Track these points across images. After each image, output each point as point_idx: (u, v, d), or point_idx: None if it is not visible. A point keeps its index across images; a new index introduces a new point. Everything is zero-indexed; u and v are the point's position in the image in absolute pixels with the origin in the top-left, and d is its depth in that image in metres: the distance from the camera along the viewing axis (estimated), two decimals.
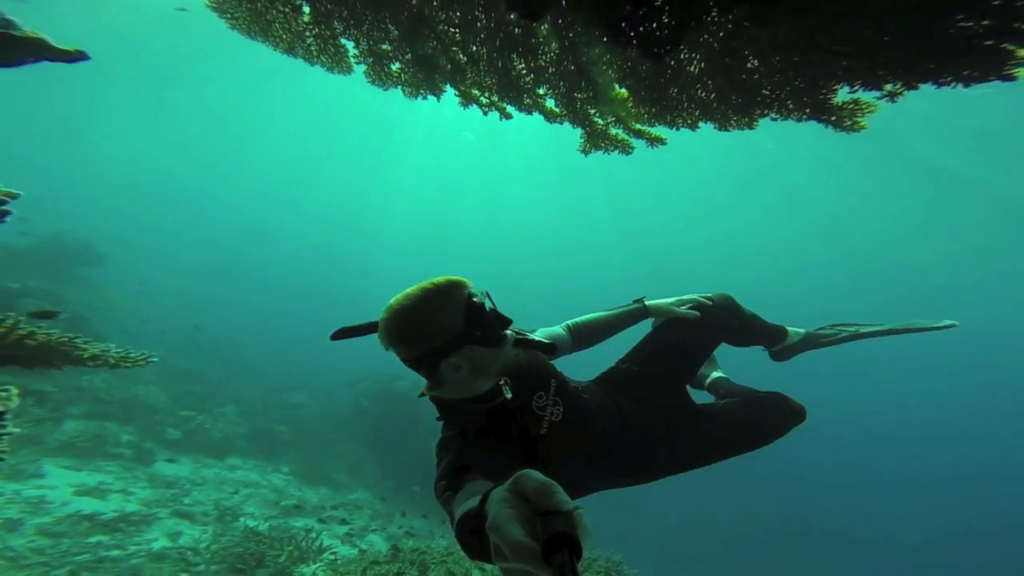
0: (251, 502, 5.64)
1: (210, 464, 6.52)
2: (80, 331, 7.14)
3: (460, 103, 2.42)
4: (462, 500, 0.82)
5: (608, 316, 1.50)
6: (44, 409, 5.79)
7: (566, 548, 0.43)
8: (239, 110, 18.90)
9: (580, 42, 1.91)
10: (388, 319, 1.01)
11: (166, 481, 5.52)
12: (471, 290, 1.05)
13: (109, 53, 13.12)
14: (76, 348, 2.30)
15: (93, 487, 4.87)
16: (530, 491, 0.49)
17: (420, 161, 20.83)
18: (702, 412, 1.49)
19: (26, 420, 5.44)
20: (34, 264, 9.15)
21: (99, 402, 6.64)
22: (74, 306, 8.19)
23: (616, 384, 1.42)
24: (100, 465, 5.43)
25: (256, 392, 9.68)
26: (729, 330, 1.59)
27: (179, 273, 22.39)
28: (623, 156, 2.23)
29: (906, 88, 1.34)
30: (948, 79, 1.25)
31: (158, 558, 3.97)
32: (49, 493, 4.53)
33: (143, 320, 10.66)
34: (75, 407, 6.32)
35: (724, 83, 1.69)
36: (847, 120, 1.52)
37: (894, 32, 1.26)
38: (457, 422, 1.08)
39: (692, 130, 1.92)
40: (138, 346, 7.79)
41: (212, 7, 2.26)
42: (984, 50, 1.16)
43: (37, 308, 7.12)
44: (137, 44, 13.59)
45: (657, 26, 1.57)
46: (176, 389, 8.04)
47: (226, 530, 4.68)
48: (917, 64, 1.27)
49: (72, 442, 5.54)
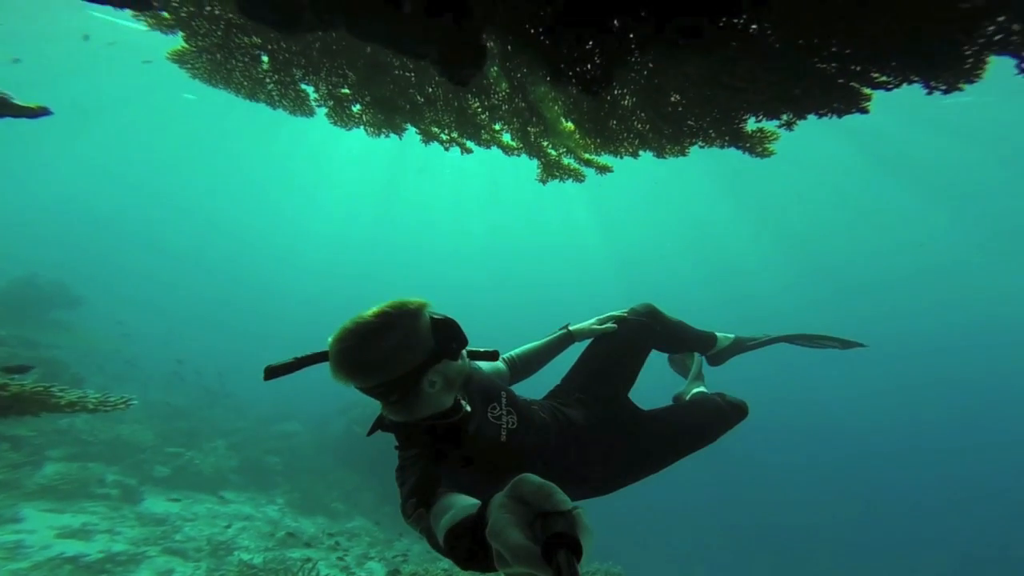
0: (245, 535, 5.64)
1: (202, 499, 6.51)
2: (58, 376, 7.09)
3: (422, 140, 2.61)
4: (440, 513, 0.84)
5: (539, 346, 1.63)
6: (21, 454, 5.73)
7: (566, 548, 0.44)
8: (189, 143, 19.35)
9: (527, 81, 2.12)
10: (354, 346, 1.00)
11: (156, 519, 5.50)
12: (429, 305, 1.10)
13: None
14: (52, 396, 2.38)
15: (77, 528, 4.84)
16: (529, 494, 0.51)
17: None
18: (648, 417, 1.61)
19: (2, 465, 5.42)
20: (5, 311, 9.09)
21: (81, 443, 6.62)
22: (52, 351, 8.17)
23: (560, 399, 1.52)
24: (84, 506, 5.39)
25: (247, 424, 9.66)
26: (655, 336, 1.72)
27: (157, 310, 22.34)
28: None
29: (796, 118, 1.55)
30: (824, 111, 1.47)
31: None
32: (27, 537, 4.48)
33: (125, 360, 10.61)
34: (55, 449, 6.28)
35: (655, 115, 1.90)
36: (758, 147, 1.73)
37: (778, 71, 1.48)
38: (417, 443, 1.10)
39: (635, 158, 2.12)
40: (123, 386, 7.78)
41: (173, 60, 2.42)
42: (840, 88, 1.38)
43: (11, 356, 7.12)
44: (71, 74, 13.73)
45: (591, 66, 1.78)
46: (163, 427, 8.01)
47: (220, 565, 4.69)
48: (799, 97, 1.48)
49: (53, 485, 5.50)
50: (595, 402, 1.52)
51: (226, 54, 2.35)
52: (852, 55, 1.35)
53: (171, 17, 2.11)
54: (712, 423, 1.68)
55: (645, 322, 1.71)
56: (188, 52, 2.34)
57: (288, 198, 26.53)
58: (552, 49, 1.74)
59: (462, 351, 1.12)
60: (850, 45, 1.33)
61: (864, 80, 1.37)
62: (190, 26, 2.17)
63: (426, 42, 1.36)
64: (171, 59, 2.41)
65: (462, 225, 25.86)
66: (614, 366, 1.62)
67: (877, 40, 1.27)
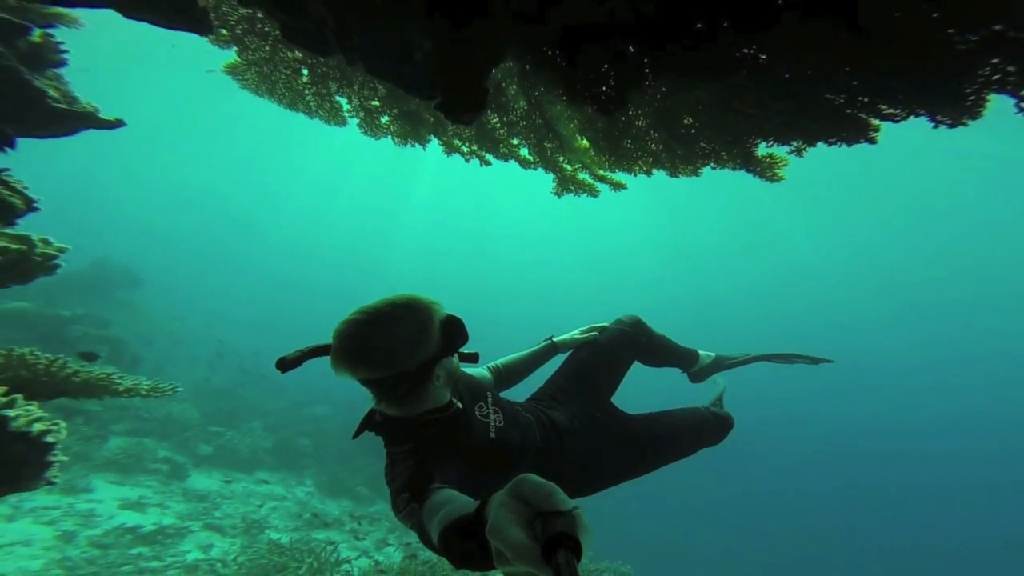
0: (276, 515, 6.12)
1: (239, 478, 7.08)
2: (121, 355, 7.94)
3: (444, 151, 2.77)
4: (432, 511, 0.85)
5: (525, 356, 1.69)
6: (91, 427, 6.50)
7: (566, 547, 0.45)
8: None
9: (544, 100, 2.22)
10: (365, 335, 1.02)
11: (198, 495, 6.07)
12: (438, 302, 1.12)
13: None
14: (113, 383, 2.75)
15: (135, 501, 5.44)
16: (529, 494, 0.52)
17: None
18: (630, 421, 1.65)
19: (77, 438, 6.15)
20: (82, 290, 10.17)
21: (139, 420, 7.36)
22: (117, 330, 9.10)
23: (543, 402, 1.57)
24: (140, 480, 6.04)
25: (280, 405, 10.32)
26: (637, 346, 1.78)
27: (207, 293, 24.22)
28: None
29: (807, 145, 1.57)
30: (833, 139, 1.49)
31: (191, 570, 4.43)
32: (97, 507, 5.12)
33: (176, 341, 11.60)
34: (118, 424, 7.04)
35: (668, 136, 1.95)
36: (768, 171, 1.75)
37: (786, 99, 1.50)
38: (410, 439, 1.11)
39: (648, 176, 2.17)
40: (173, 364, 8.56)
41: (227, 72, 2.70)
42: (849, 118, 1.39)
43: (86, 335, 8.00)
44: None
45: (605, 88, 1.86)
46: (207, 406, 8.73)
47: (252, 543, 5.12)
48: (808, 125, 1.50)
49: (115, 459, 6.19)
50: (576, 406, 1.57)
51: (272, 67, 2.61)
52: (859, 87, 1.36)
53: (228, 34, 2.37)
54: (692, 433, 1.72)
55: (628, 331, 1.76)
56: (240, 65, 2.61)
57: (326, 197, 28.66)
58: (568, 70, 1.84)
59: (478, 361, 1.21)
60: (857, 78, 1.35)
61: (872, 111, 1.38)
62: (243, 42, 2.43)
63: (432, 87, 1.49)
64: (225, 71, 2.69)
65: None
66: (594, 372, 1.67)
67: (883, 74, 1.29)
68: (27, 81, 2.29)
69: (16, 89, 2.27)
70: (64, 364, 2.58)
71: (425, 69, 1.46)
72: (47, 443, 2.16)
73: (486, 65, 1.53)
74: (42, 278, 2.65)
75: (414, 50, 1.44)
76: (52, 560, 4.07)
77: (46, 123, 2.48)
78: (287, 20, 1.67)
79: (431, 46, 1.41)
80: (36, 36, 2.36)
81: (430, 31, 1.44)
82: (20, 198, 2.29)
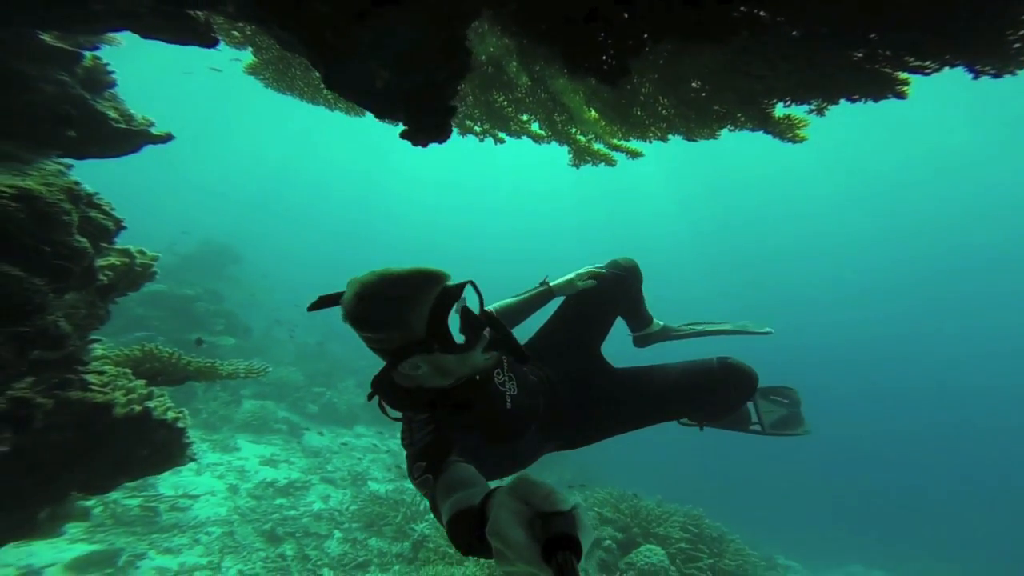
0: (375, 467, 7.16)
1: (342, 433, 8.35)
2: (235, 326, 9.57)
3: (459, 133, 2.81)
4: (445, 491, 0.88)
5: (519, 301, 1.64)
6: (227, 393, 7.94)
7: (566, 548, 0.47)
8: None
9: (546, 75, 2.15)
10: (365, 296, 1.00)
11: (313, 451, 7.26)
12: (446, 286, 1.02)
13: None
14: (216, 369, 3.41)
15: (269, 458, 6.65)
16: (529, 494, 0.53)
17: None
18: (623, 374, 1.64)
19: (220, 403, 7.63)
20: (197, 268, 12.15)
21: (260, 384, 8.83)
22: (229, 304, 10.82)
23: (539, 355, 1.54)
24: (269, 439, 7.34)
25: (367, 363, 11.62)
26: (628, 293, 1.75)
27: (287, 260, 27.49)
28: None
29: (828, 104, 1.39)
30: (856, 96, 1.30)
31: (318, 517, 5.43)
32: (245, 463, 6.33)
33: (273, 308, 13.40)
34: (246, 389, 8.47)
35: (678, 101, 1.82)
36: (788, 132, 1.58)
37: (796, 59, 1.32)
38: (427, 408, 1.10)
39: (664, 142, 2.05)
40: (278, 331, 10.03)
41: (248, 72, 2.92)
42: (870, 73, 1.21)
43: (206, 310, 9.68)
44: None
45: (606, 58, 1.80)
46: (308, 367, 10.13)
47: (358, 494, 6.13)
48: (825, 84, 1.32)
49: (249, 421, 7.54)
50: (570, 360, 1.57)
51: (286, 64, 2.76)
52: (879, 40, 1.17)
53: (240, 35, 2.54)
54: (696, 387, 1.61)
55: (622, 276, 1.72)
56: (258, 64, 2.79)
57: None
58: (566, 43, 1.79)
59: (474, 343, 1.05)
60: (875, 31, 1.16)
61: (898, 65, 1.19)
62: (255, 42, 2.55)
63: (394, 111, 1.57)
64: (247, 72, 2.89)
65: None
66: (587, 323, 1.66)
67: (904, 26, 1.10)
68: (92, 106, 2.45)
69: (87, 115, 2.42)
70: (180, 356, 3.24)
71: (387, 96, 1.53)
72: (180, 428, 2.79)
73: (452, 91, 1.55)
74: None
75: (375, 79, 1.51)
76: (230, 508, 5.23)
77: (113, 143, 2.70)
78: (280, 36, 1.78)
79: (389, 75, 1.47)
80: (88, 60, 2.49)
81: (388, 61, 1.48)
82: (111, 220, 2.44)
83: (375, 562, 4.81)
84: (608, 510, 5.26)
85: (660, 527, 5.09)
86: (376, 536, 5.23)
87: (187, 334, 8.00)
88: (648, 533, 5.00)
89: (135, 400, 2.37)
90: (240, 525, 4.98)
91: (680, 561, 4.77)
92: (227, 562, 4.38)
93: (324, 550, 4.89)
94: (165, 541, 4.41)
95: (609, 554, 4.60)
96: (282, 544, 4.86)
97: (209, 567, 4.24)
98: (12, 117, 2.12)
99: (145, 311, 8.54)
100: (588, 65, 1.82)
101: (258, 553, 4.60)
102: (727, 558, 5.09)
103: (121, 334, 7.33)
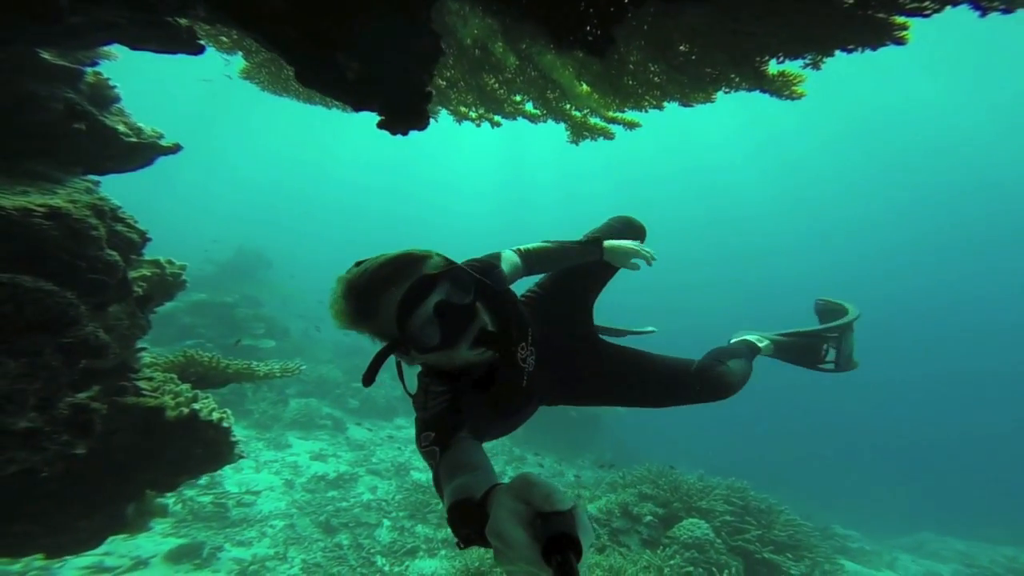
0: (416, 457, 7.41)
1: (382, 426, 8.72)
2: (274, 329, 10.13)
3: (455, 120, 2.83)
4: (449, 471, 0.89)
5: (558, 248, 1.54)
6: (274, 393, 8.42)
7: (566, 548, 0.48)
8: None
9: (533, 52, 2.14)
10: (352, 285, 1.02)
11: (358, 444, 7.64)
12: (421, 276, 0.99)
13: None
14: (254, 371, 3.63)
15: (318, 453, 7.05)
16: (529, 494, 0.54)
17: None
18: (607, 348, 1.66)
19: (268, 403, 8.09)
20: (234, 275, 12.82)
21: (302, 383, 9.31)
22: (266, 309, 11.39)
23: (536, 313, 1.55)
24: (316, 435, 7.77)
25: None
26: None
27: (316, 265, 29.46)
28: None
29: (823, 56, 1.33)
30: (852, 46, 1.24)
31: (367, 508, 5.77)
32: (297, 459, 6.76)
33: (306, 308, 13.96)
34: (290, 388, 8.95)
35: (668, 67, 1.78)
36: (785, 90, 1.52)
37: (785, 11, 1.27)
38: (446, 377, 1.11)
39: (660, 110, 2.00)
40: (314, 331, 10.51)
41: (243, 77, 3.01)
42: (863, 19, 1.15)
43: (246, 315, 10.24)
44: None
45: (590, 27, 1.79)
46: (345, 363, 10.56)
47: (403, 483, 6.44)
48: (817, 35, 1.27)
49: (296, 418, 7.98)
50: (568, 325, 1.59)
51: (278, 66, 2.81)
52: None
53: (228, 41, 2.59)
54: (666, 383, 1.65)
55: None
56: (251, 68, 2.85)
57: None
58: (549, 17, 1.79)
59: (457, 339, 1.02)
60: None
61: (892, 8, 1.13)
62: (243, 46, 2.61)
63: (369, 102, 1.61)
64: (241, 77, 2.97)
65: None
66: (584, 288, 1.68)
67: None
68: (101, 121, 2.45)
69: (97, 130, 2.43)
70: (219, 360, 3.49)
71: (360, 88, 1.57)
72: (225, 427, 3.00)
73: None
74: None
75: (346, 71, 1.55)
76: (288, 502, 5.65)
77: (127, 157, 2.70)
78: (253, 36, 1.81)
79: (359, 66, 1.51)
80: (90, 76, 2.49)
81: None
82: (136, 232, 2.47)
83: (423, 548, 5.08)
84: (648, 486, 5.29)
85: (703, 501, 5.08)
86: (422, 523, 5.52)
87: (231, 339, 8.53)
88: (690, 507, 5.00)
89: (183, 403, 2.58)
90: (299, 518, 5.36)
91: (726, 533, 4.76)
92: (292, 552, 4.75)
93: (375, 538, 5.20)
94: (237, 535, 4.84)
95: (651, 529, 4.64)
96: (338, 534, 5.20)
97: (277, 557, 4.62)
98: (32, 139, 2.21)
99: (192, 320, 9.14)
100: (573, 38, 1.81)
101: (317, 544, 4.95)
102: (777, 529, 5.04)
103: (174, 342, 7.91)
